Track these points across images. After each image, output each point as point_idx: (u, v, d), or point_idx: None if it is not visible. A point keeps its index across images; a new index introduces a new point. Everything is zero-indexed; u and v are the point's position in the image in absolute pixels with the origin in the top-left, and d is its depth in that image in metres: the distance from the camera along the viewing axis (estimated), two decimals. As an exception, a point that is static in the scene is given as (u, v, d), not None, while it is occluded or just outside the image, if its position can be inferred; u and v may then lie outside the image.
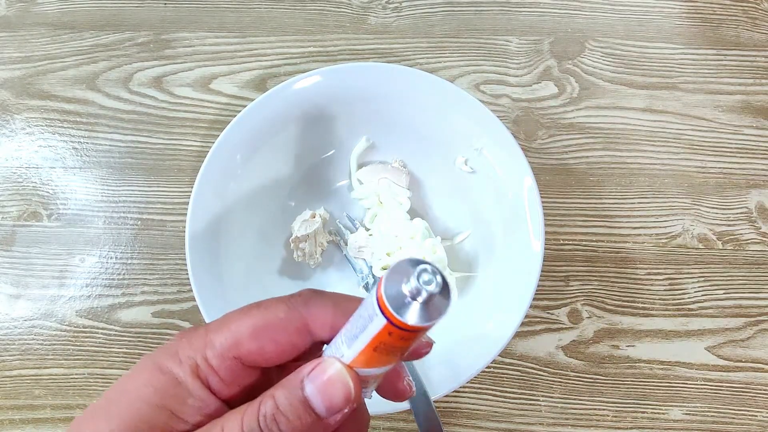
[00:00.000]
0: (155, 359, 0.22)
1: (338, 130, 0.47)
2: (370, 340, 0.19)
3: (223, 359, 0.22)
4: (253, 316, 0.22)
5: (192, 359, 0.22)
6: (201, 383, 0.22)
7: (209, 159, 0.43)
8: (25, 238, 0.48)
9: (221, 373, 0.22)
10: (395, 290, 0.18)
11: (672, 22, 0.54)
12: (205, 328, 0.22)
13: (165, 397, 0.21)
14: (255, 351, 0.22)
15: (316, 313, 0.22)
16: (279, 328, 0.22)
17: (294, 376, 0.21)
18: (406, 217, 0.46)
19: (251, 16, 0.54)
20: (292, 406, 0.20)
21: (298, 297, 0.23)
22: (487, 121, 0.44)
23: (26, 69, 0.52)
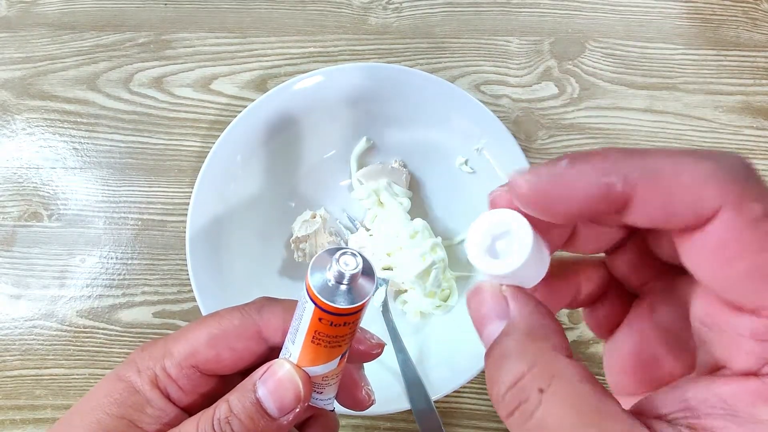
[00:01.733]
0: (117, 370, 0.23)
1: (338, 130, 0.47)
2: (306, 330, 0.20)
3: (181, 368, 0.22)
4: (210, 326, 0.23)
5: (150, 369, 0.22)
6: (160, 392, 0.22)
7: (210, 159, 0.43)
8: (25, 238, 0.48)
9: (180, 382, 0.22)
10: (320, 276, 0.18)
11: (672, 22, 0.54)
12: (164, 339, 0.23)
13: (123, 407, 0.22)
14: (212, 359, 0.22)
15: (268, 318, 0.23)
16: (234, 336, 0.23)
17: (248, 380, 0.22)
18: (406, 217, 0.46)
19: (252, 16, 0.54)
20: (244, 408, 0.21)
21: (252, 305, 0.24)
22: (488, 122, 0.44)
23: (27, 69, 0.52)
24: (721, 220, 0.15)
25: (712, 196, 0.15)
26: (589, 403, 0.15)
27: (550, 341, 0.16)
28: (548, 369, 0.16)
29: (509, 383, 0.16)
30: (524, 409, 0.15)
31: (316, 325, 0.19)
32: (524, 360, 0.16)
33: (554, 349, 0.16)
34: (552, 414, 0.15)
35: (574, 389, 0.15)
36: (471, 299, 0.18)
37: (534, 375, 0.16)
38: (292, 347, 0.21)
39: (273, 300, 0.24)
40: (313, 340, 0.20)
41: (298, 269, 0.47)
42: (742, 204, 0.14)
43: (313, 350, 0.20)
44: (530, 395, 0.15)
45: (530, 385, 0.16)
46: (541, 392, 0.15)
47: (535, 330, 0.17)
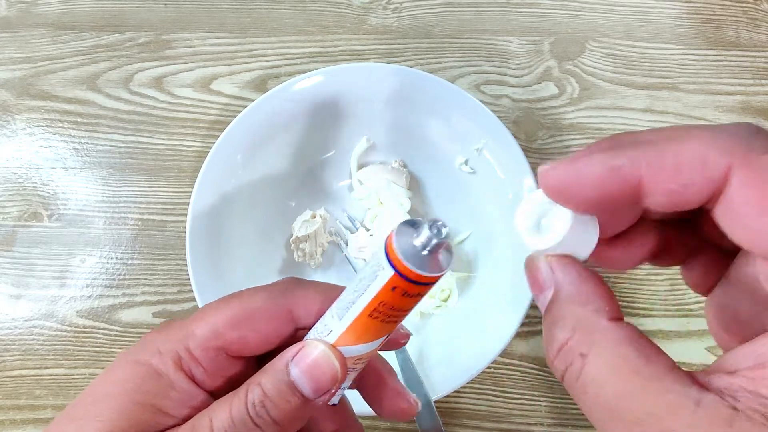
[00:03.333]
0: (133, 355, 0.22)
1: (338, 130, 0.47)
2: (368, 302, 0.19)
3: (205, 350, 0.21)
4: (233, 307, 0.22)
5: (173, 351, 0.21)
6: (184, 375, 0.21)
7: (210, 159, 0.43)
8: (25, 238, 0.48)
9: (204, 364, 0.22)
10: (406, 242, 0.18)
11: (672, 22, 0.54)
12: (183, 321, 0.22)
13: (148, 393, 0.21)
14: (237, 340, 0.22)
15: (300, 300, 0.22)
16: (259, 317, 0.22)
17: (278, 361, 0.21)
18: (406, 217, 0.46)
19: (251, 16, 0.54)
20: (279, 391, 0.20)
21: (279, 285, 0.23)
22: (488, 122, 0.44)
23: (27, 69, 0.52)
24: (737, 179, 0.15)
25: (717, 157, 0.15)
26: (629, 366, 0.15)
27: (591, 305, 0.17)
28: (588, 334, 0.16)
29: (556, 349, 0.17)
30: (570, 372, 0.16)
31: (385, 295, 0.19)
32: (567, 326, 0.17)
33: (596, 313, 0.17)
34: (594, 377, 0.16)
35: (614, 352, 0.16)
36: (527, 269, 0.19)
37: (576, 341, 0.16)
38: (337, 323, 0.20)
39: (303, 281, 0.23)
40: (372, 313, 0.20)
41: (298, 269, 0.47)
42: (751, 159, 0.15)
43: (365, 325, 0.20)
44: (574, 360, 0.16)
45: (573, 350, 0.16)
46: (583, 357, 0.16)
47: (577, 296, 0.17)
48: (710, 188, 0.15)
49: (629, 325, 0.16)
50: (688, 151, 0.15)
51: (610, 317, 0.17)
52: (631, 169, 0.16)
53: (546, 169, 0.17)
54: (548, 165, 0.17)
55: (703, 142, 0.15)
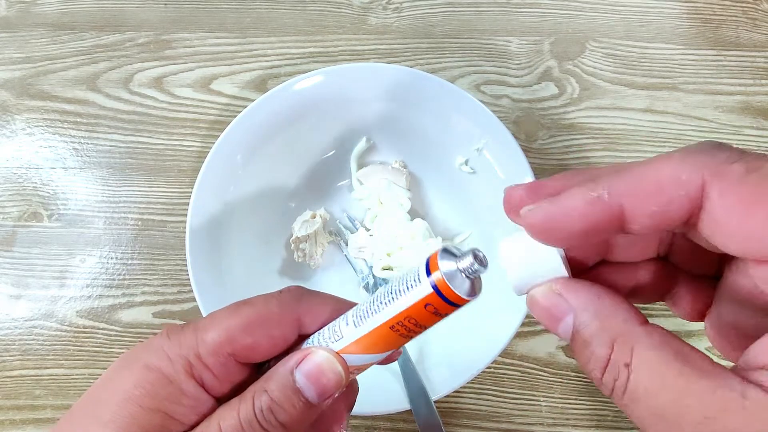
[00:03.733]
0: (142, 358, 0.22)
1: (338, 130, 0.47)
2: (397, 313, 0.20)
3: (217, 356, 0.22)
4: (245, 313, 0.22)
5: (184, 358, 0.22)
6: (195, 382, 0.22)
7: (209, 159, 0.43)
8: (25, 238, 0.48)
9: (215, 370, 0.22)
10: (449, 264, 0.19)
11: (672, 22, 0.54)
12: (192, 326, 0.22)
13: (158, 399, 0.21)
14: (249, 346, 0.22)
15: (310, 308, 0.23)
16: (273, 323, 0.22)
17: (282, 368, 0.22)
18: (406, 217, 0.46)
19: (251, 16, 0.54)
20: (286, 396, 0.21)
21: (287, 294, 0.23)
22: (488, 122, 0.44)
23: (27, 69, 0.52)
24: (714, 191, 0.16)
25: (691, 174, 0.16)
26: (672, 368, 0.16)
27: (618, 316, 0.17)
28: (627, 343, 0.17)
29: (601, 367, 0.17)
30: (618, 385, 0.17)
31: (416, 311, 0.20)
32: (604, 342, 0.17)
33: (626, 323, 0.17)
34: (641, 385, 0.16)
35: (655, 356, 0.16)
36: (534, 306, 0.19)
37: (617, 353, 0.17)
38: (351, 330, 0.21)
39: (309, 290, 0.24)
40: (395, 325, 0.20)
41: (298, 269, 0.47)
42: (721, 170, 0.16)
43: (381, 336, 0.21)
44: (620, 372, 0.16)
45: (617, 363, 0.17)
46: (628, 366, 0.16)
47: (602, 311, 0.18)
48: (690, 204, 0.16)
49: (657, 327, 0.17)
50: (663, 173, 0.16)
51: (640, 322, 0.17)
52: (612, 197, 0.17)
53: (528, 209, 0.18)
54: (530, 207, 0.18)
55: (675, 163, 0.16)
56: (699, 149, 0.16)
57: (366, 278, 0.46)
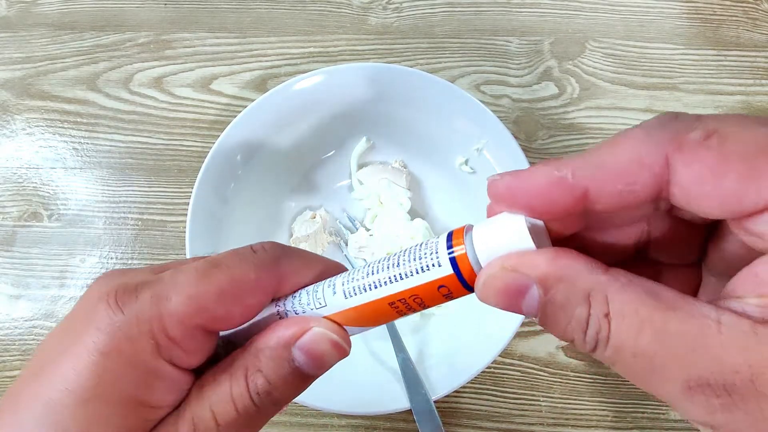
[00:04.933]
0: (89, 341, 0.18)
1: (338, 130, 0.47)
2: (401, 290, 0.18)
3: (185, 328, 0.19)
4: (216, 279, 0.19)
5: (147, 335, 0.18)
6: (164, 360, 0.19)
7: (209, 159, 0.43)
8: (25, 238, 0.48)
9: (184, 345, 0.19)
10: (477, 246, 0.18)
11: (672, 22, 0.54)
12: (150, 292, 0.19)
13: (126, 388, 0.18)
14: (222, 316, 0.19)
15: (290, 272, 0.20)
16: (248, 290, 0.19)
17: (275, 343, 0.20)
18: (406, 217, 0.46)
19: (251, 16, 0.54)
20: (283, 377, 0.19)
21: (264, 253, 0.20)
22: (488, 122, 0.44)
23: (27, 69, 0.52)
24: (679, 162, 0.16)
25: (652, 149, 0.16)
26: (647, 305, 0.15)
27: (582, 271, 0.16)
28: (600, 293, 0.16)
29: (582, 328, 0.16)
30: (601, 338, 0.16)
31: (425, 290, 0.18)
32: (580, 301, 0.16)
33: (592, 273, 0.16)
34: (622, 330, 0.15)
35: (628, 298, 0.16)
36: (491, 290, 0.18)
37: (594, 307, 0.16)
38: (340, 300, 0.19)
39: (286, 248, 0.21)
40: (396, 302, 0.19)
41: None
42: (681, 141, 0.16)
43: (376, 311, 0.19)
44: (600, 325, 0.16)
45: (596, 317, 0.16)
46: (607, 316, 0.16)
47: (566, 270, 0.17)
48: (655, 180, 0.16)
49: (620, 270, 0.16)
50: (625, 152, 0.16)
51: (603, 270, 0.16)
52: (575, 179, 0.17)
53: (493, 178, 0.18)
54: (495, 177, 0.18)
55: (637, 140, 0.16)
56: (659, 123, 0.16)
57: (366, 278, 0.46)
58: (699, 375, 0.15)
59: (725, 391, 0.14)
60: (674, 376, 0.15)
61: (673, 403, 0.15)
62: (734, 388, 0.14)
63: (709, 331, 0.15)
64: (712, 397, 0.14)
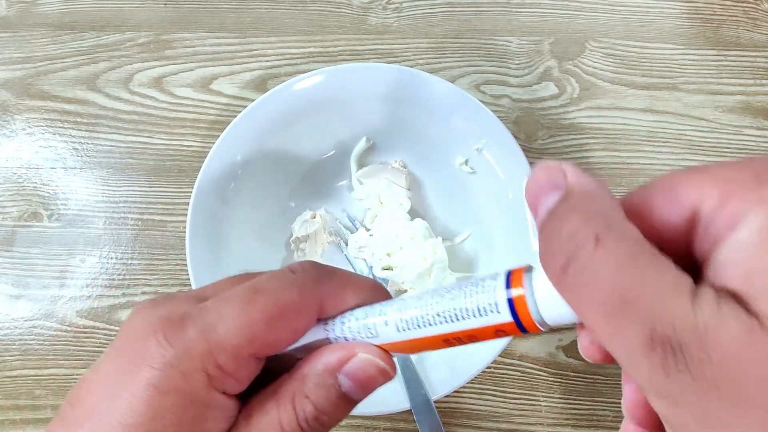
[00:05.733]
0: (143, 378, 0.18)
1: (338, 130, 0.47)
2: (458, 330, 0.18)
3: (237, 360, 0.19)
4: (262, 305, 0.19)
5: (200, 371, 0.18)
6: (216, 392, 0.19)
7: (209, 159, 0.43)
8: (25, 238, 0.48)
9: (237, 375, 0.19)
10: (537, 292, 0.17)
11: (672, 22, 0.54)
12: (197, 327, 0.19)
13: (185, 424, 0.18)
14: (272, 343, 0.19)
15: (332, 293, 0.20)
16: (294, 314, 0.19)
17: (323, 369, 0.20)
18: (406, 217, 0.46)
19: (251, 16, 0.54)
20: (330, 402, 0.19)
21: (304, 274, 0.20)
22: (488, 122, 0.44)
23: (27, 69, 0.52)
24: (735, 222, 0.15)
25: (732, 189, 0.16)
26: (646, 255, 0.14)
27: (607, 203, 0.15)
28: (605, 218, 0.15)
29: (564, 237, 0.15)
30: (578, 258, 0.14)
31: (482, 332, 0.18)
32: (580, 214, 0.15)
33: (613, 209, 0.15)
34: (609, 263, 0.14)
35: (629, 243, 0.14)
36: (531, 178, 0.17)
37: (590, 225, 0.15)
38: (393, 333, 0.19)
39: (327, 271, 0.21)
40: (450, 339, 0.19)
41: (298, 269, 0.47)
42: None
43: (429, 343, 0.19)
44: (585, 243, 0.14)
45: (585, 232, 0.15)
46: (597, 240, 0.14)
47: (593, 193, 0.16)
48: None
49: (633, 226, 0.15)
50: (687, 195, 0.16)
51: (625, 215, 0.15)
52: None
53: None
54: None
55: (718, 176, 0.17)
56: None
57: (366, 278, 0.46)
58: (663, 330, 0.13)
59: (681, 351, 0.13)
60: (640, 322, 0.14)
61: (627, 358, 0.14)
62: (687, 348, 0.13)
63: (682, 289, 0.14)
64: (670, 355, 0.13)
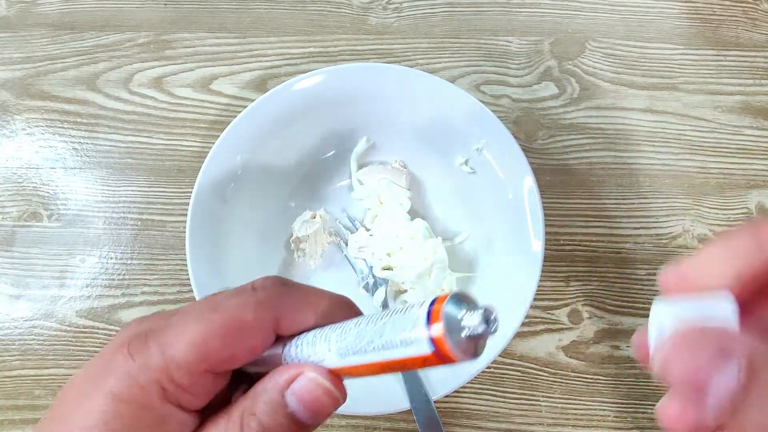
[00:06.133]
0: (106, 386, 0.19)
1: (338, 130, 0.47)
2: (387, 360, 0.18)
3: (192, 375, 0.19)
4: (217, 323, 0.20)
5: (156, 383, 0.19)
6: (172, 405, 0.20)
7: (209, 159, 0.43)
8: (25, 238, 0.48)
9: (191, 390, 0.20)
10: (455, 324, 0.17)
11: (672, 22, 0.54)
12: (156, 341, 0.20)
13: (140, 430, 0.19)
14: (227, 359, 0.20)
15: (288, 310, 0.21)
16: (250, 331, 0.20)
17: (270, 387, 0.20)
18: (406, 217, 0.46)
19: (251, 16, 0.54)
20: (276, 421, 0.20)
21: (264, 292, 0.21)
22: (488, 122, 0.44)
23: (27, 69, 0.52)
24: None
25: None
26: None
27: None
28: None
29: None
30: None
31: (410, 362, 0.18)
32: None
33: None
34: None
35: None
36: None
37: None
38: (335, 359, 0.19)
39: (288, 286, 0.21)
40: (384, 368, 0.19)
41: (298, 269, 0.47)
42: None
43: (366, 370, 0.19)
44: None
45: None
46: None
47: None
48: None
49: None
50: None
51: None
52: None
53: None
54: None
55: None
56: None
57: (366, 278, 0.46)
58: None
59: None
60: None
61: None
62: None
63: None
64: None
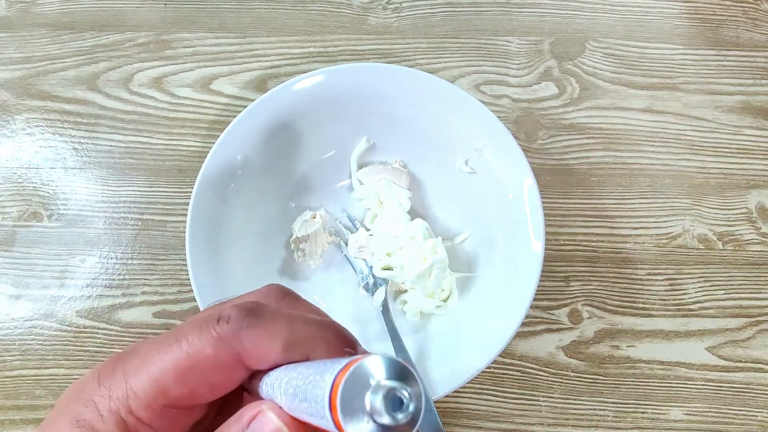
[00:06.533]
0: (72, 410, 0.19)
1: (338, 130, 0.47)
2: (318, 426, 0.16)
3: (151, 410, 0.18)
4: (175, 356, 0.18)
5: (116, 414, 0.18)
6: None
7: (209, 159, 0.43)
8: (25, 238, 0.48)
9: (154, 424, 0.19)
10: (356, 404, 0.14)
11: (672, 22, 0.54)
12: (122, 368, 0.19)
13: None
14: (185, 396, 0.19)
15: (252, 346, 0.19)
16: (208, 368, 0.19)
17: (232, 421, 0.18)
18: (406, 217, 0.46)
19: (251, 16, 0.54)
20: None
21: (227, 326, 0.19)
22: (488, 122, 0.44)
23: (27, 69, 0.52)
24: None
25: None
26: None
27: None
28: None
29: None
30: None
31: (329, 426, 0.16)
32: None
33: None
34: None
35: None
36: None
37: None
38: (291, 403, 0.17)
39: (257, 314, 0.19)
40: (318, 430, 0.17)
41: (298, 269, 0.47)
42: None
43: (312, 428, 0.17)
44: None
45: None
46: None
47: None
48: None
49: None
50: None
51: None
52: None
53: None
54: None
55: None
56: None
57: (366, 278, 0.46)
58: None
59: None
60: None
61: None
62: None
63: None
64: None
